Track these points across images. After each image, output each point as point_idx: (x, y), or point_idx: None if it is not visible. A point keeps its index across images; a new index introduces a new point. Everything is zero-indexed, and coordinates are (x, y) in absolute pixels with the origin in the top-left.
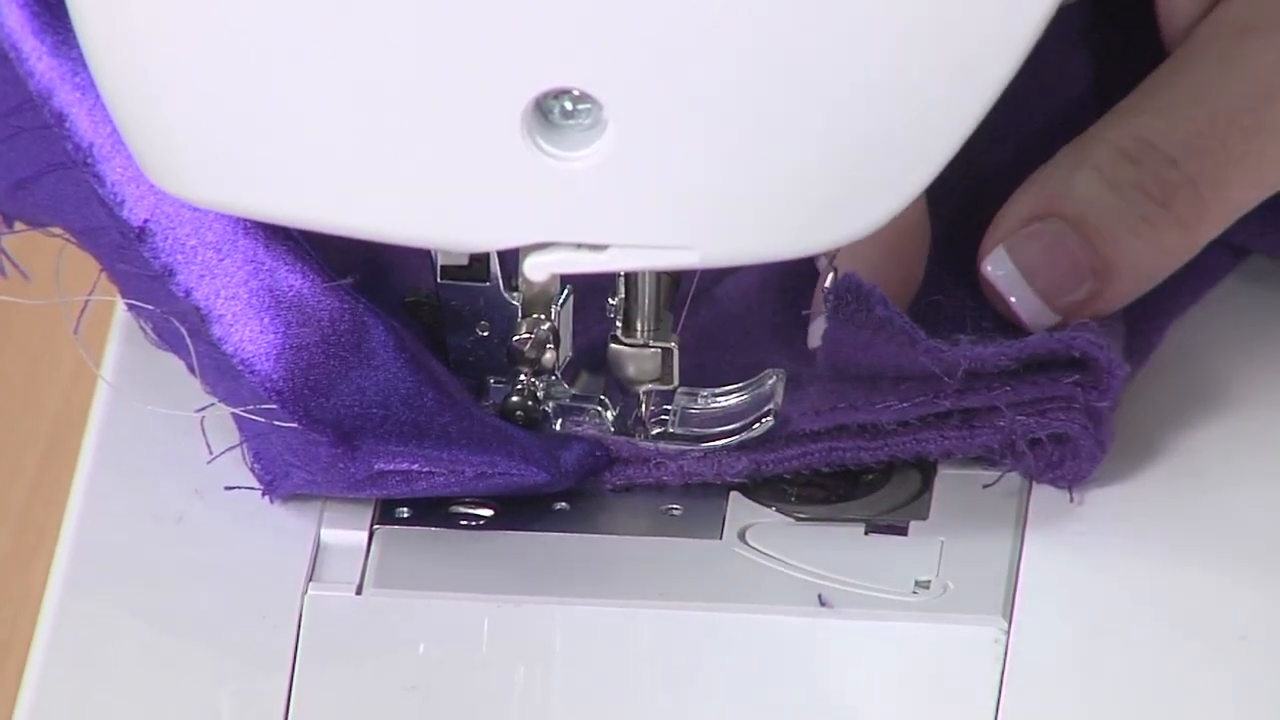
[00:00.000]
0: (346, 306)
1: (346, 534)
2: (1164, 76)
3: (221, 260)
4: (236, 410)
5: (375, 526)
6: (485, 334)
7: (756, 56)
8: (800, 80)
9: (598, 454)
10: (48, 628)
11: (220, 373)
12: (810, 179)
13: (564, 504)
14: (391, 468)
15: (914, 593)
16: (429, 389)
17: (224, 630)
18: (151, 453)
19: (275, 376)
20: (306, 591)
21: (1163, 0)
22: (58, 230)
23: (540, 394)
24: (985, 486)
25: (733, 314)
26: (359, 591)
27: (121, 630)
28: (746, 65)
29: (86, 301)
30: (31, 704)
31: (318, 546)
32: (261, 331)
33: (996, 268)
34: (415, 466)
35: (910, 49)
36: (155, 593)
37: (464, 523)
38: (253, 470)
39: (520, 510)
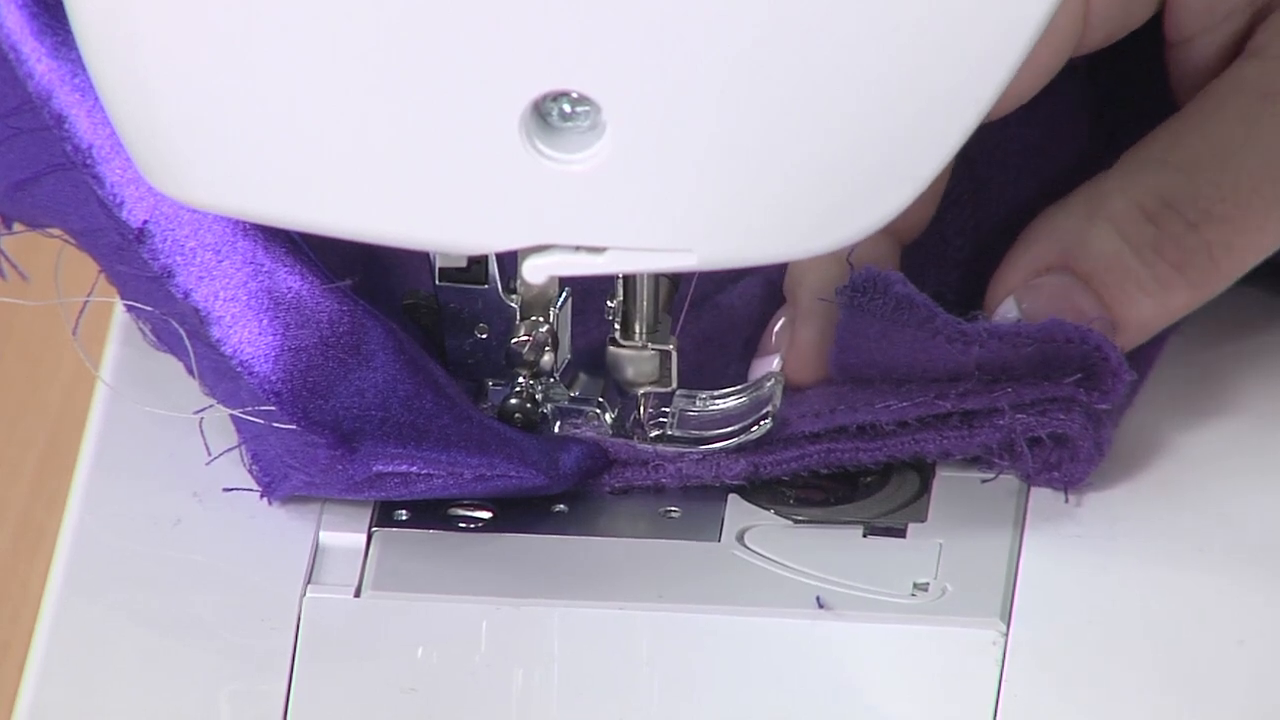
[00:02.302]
0: (345, 308)
1: (345, 536)
2: (1185, 130)
3: (220, 262)
4: (235, 412)
5: (374, 529)
6: (484, 336)
7: (755, 59)
8: (797, 83)
9: (596, 456)
10: (47, 629)
11: (219, 374)
12: (807, 182)
13: (563, 506)
14: (390, 470)
15: (912, 595)
16: (428, 391)
17: (223, 632)
18: (150, 454)
19: (274, 378)
20: (305, 594)
21: (1174, 49)
22: (57, 231)
23: (539, 396)
24: (984, 482)
25: (736, 322)
26: (358, 594)
27: (121, 632)
28: (745, 68)
29: (86, 303)
30: (31, 704)
31: (316, 548)
32: (260, 333)
33: (1004, 316)
34: (414, 469)
35: (907, 54)
36: (154, 594)
37: (462, 525)
38: (251, 472)
39: (519, 512)
